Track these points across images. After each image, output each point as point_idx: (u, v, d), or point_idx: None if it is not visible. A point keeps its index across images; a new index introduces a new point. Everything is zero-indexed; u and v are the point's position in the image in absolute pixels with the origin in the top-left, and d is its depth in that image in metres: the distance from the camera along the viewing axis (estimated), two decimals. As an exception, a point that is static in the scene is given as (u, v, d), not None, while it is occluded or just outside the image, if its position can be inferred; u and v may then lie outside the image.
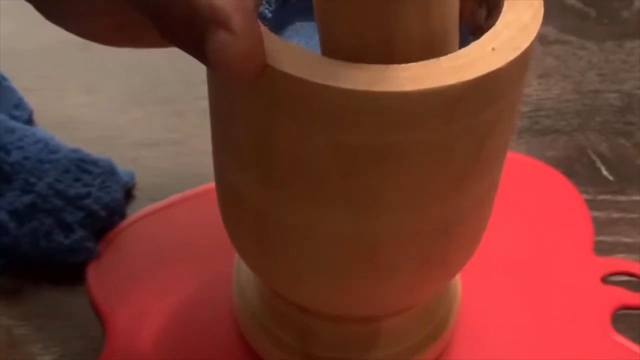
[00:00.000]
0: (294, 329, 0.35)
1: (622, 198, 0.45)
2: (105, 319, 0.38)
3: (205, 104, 0.30)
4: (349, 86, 0.24)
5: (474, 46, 0.26)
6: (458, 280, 0.39)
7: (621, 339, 0.38)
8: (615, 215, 0.44)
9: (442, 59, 0.25)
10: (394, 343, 0.35)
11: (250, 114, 0.27)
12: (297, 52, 0.25)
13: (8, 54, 0.51)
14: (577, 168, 0.47)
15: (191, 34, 0.24)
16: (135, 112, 0.49)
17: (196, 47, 0.24)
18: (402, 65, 0.25)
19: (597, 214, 0.44)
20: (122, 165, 0.45)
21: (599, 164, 0.47)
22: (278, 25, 0.32)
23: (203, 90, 0.30)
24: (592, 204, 0.45)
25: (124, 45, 0.35)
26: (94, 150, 0.46)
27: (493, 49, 0.26)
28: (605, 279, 0.41)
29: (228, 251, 0.36)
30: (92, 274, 0.40)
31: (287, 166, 0.27)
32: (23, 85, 0.49)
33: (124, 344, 0.37)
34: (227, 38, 0.24)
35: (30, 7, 0.33)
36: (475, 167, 0.28)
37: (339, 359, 0.35)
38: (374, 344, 0.35)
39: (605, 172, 0.47)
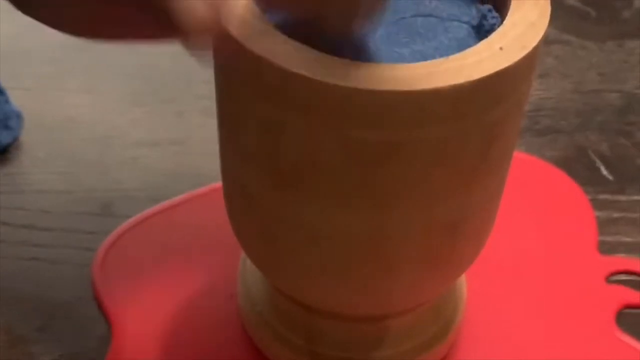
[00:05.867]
0: (300, 328, 0.35)
1: (622, 198, 0.45)
2: (111, 319, 0.38)
3: (205, 104, 0.30)
4: (360, 85, 0.24)
5: (482, 45, 0.26)
6: (463, 279, 0.39)
7: (625, 338, 0.39)
8: (616, 215, 0.44)
9: (451, 57, 0.25)
10: (400, 342, 0.35)
11: (260, 113, 0.27)
12: (307, 53, 0.25)
13: (8, 54, 0.51)
14: (577, 168, 0.47)
15: None
16: (135, 112, 0.49)
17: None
18: (412, 64, 0.25)
19: (597, 213, 0.44)
20: (122, 165, 0.45)
21: (598, 163, 0.47)
22: None
23: (203, 90, 0.30)
24: (592, 204, 0.45)
25: (103, 37, 0.34)
26: (94, 150, 0.46)
27: (501, 48, 0.26)
28: (609, 278, 0.41)
29: (232, 251, 0.36)
30: (98, 275, 0.40)
31: (297, 164, 0.27)
32: (23, 85, 0.49)
33: (130, 343, 0.37)
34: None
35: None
36: (484, 165, 0.28)
37: (346, 358, 0.35)
38: (381, 343, 0.35)
39: (605, 172, 0.47)
